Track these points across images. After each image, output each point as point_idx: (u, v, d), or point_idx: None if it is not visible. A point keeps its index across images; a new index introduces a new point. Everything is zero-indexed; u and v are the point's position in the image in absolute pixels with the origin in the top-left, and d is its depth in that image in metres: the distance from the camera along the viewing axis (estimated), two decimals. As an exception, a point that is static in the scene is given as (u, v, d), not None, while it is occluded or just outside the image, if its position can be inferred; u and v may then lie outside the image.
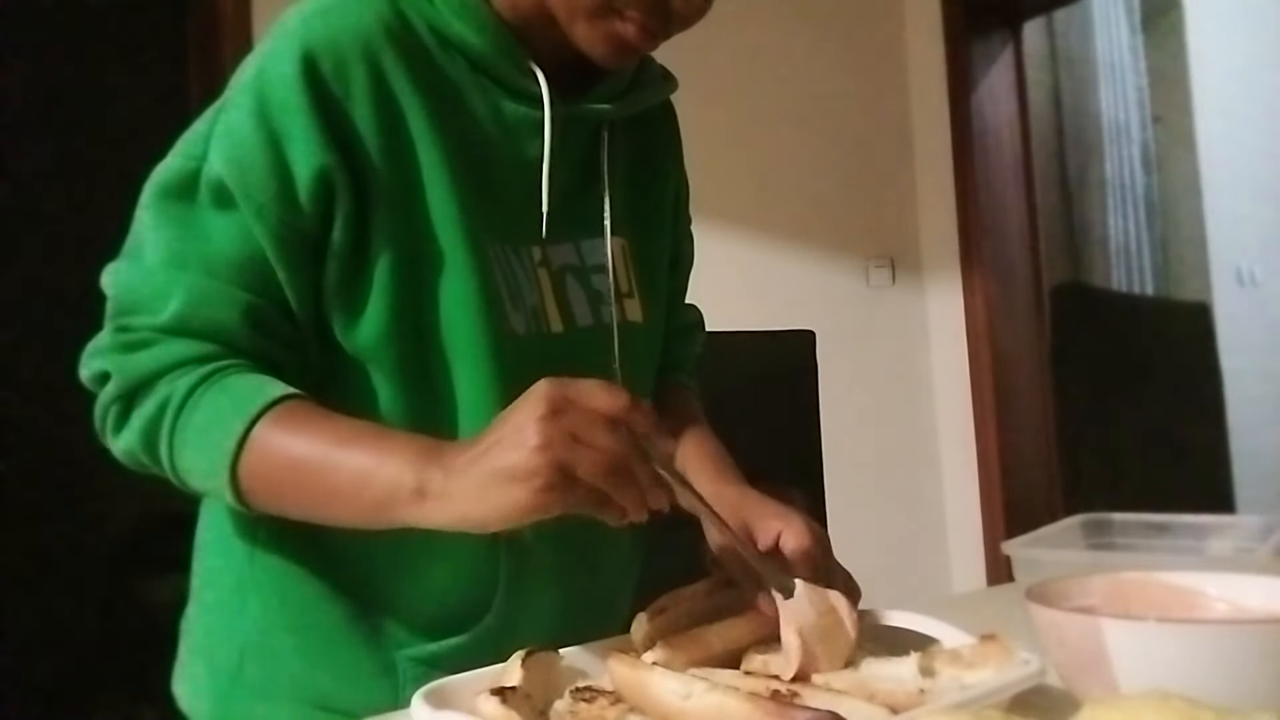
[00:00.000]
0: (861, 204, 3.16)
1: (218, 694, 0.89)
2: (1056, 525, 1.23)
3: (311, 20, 0.80)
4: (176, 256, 0.78)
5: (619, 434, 0.66)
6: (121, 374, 0.78)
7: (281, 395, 0.76)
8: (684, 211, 1.07)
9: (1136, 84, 4.82)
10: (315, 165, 0.77)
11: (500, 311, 0.83)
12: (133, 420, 0.78)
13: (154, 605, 3.63)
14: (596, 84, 0.91)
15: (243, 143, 0.78)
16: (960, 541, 3.09)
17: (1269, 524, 1.15)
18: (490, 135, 0.86)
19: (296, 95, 0.77)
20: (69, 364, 0.85)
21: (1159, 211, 4.82)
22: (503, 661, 0.75)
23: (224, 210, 0.78)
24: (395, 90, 0.81)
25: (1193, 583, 0.75)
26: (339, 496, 0.74)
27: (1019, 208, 3.20)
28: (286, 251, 0.79)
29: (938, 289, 3.17)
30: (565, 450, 0.65)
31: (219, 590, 0.90)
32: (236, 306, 0.78)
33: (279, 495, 0.77)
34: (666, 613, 0.78)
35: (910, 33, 3.25)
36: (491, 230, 0.84)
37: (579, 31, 0.82)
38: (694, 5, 0.82)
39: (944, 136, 3.15)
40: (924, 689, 0.68)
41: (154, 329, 0.78)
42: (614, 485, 0.67)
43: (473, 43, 0.84)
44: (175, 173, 0.80)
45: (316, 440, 0.75)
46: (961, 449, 3.10)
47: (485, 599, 0.86)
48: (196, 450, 0.76)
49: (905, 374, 3.18)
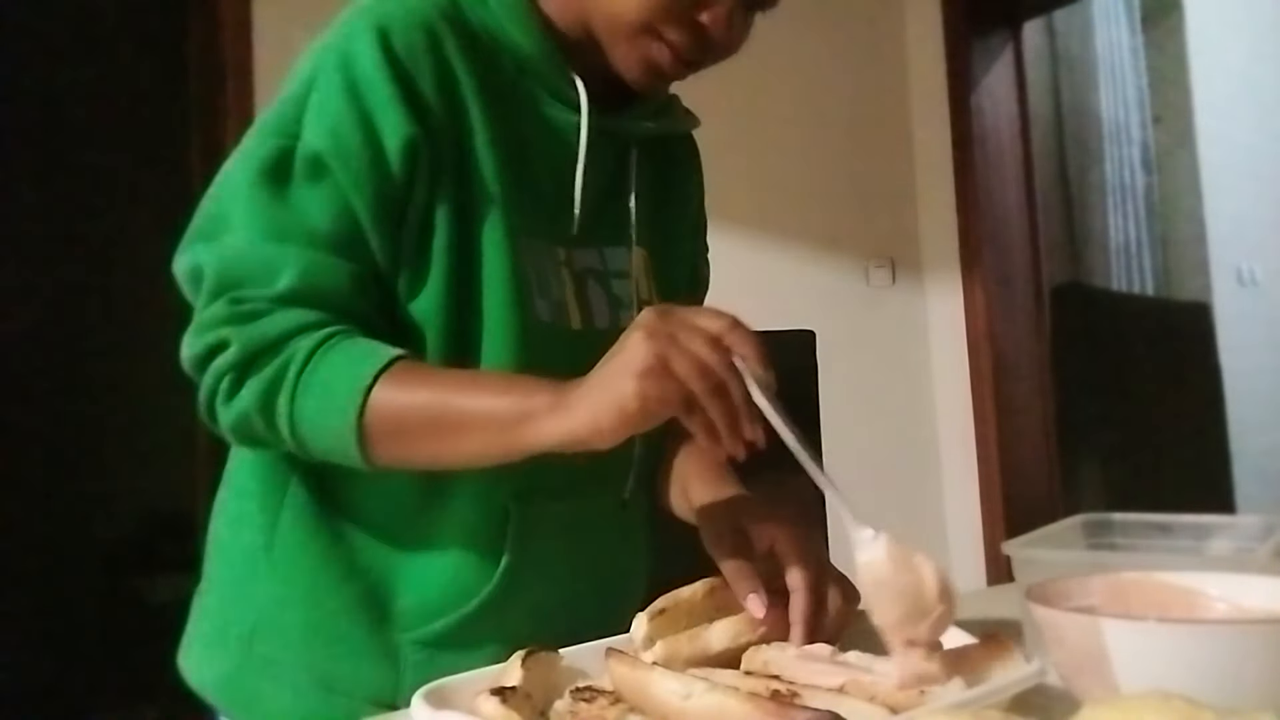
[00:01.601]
0: (861, 204, 3.16)
1: (226, 668, 0.92)
2: (1056, 525, 1.23)
3: (383, 3, 0.85)
4: (276, 231, 0.81)
5: (717, 348, 0.69)
6: (242, 341, 0.80)
7: (399, 355, 0.80)
8: (703, 238, 1.12)
9: (1136, 84, 4.82)
10: (403, 134, 0.82)
11: (529, 296, 0.87)
12: (248, 385, 0.80)
13: (154, 605, 3.64)
14: (628, 105, 0.96)
15: (336, 116, 0.82)
16: (960, 541, 3.09)
17: (1269, 524, 1.15)
18: (529, 134, 0.90)
19: (379, 70, 0.82)
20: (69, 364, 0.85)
21: (1159, 211, 4.82)
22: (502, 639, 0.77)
23: (320, 183, 0.82)
24: (454, 68, 0.85)
25: (1193, 583, 0.75)
26: (469, 428, 0.78)
27: (1019, 208, 3.20)
28: (380, 218, 0.83)
29: (938, 289, 3.17)
30: (665, 344, 0.69)
31: (234, 568, 0.93)
32: (345, 275, 0.82)
33: (407, 439, 0.80)
34: (666, 612, 0.79)
35: (910, 33, 3.25)
36: (523, 223, 0.88)
37: (618, 51, 0.88)
38: (730, 39, 0.87)
39: (944, 136, 3.14)
40: (924, 689, 0.68)
41: (270, 299, 0.81)
42: (705, 391, 0.69)
43: (521, 45, 0.89)
44: (269, 152, 0.83)
45: (440, 384, 0.80)
46: (961, 449, 3.09)
47: (490, 573, 0.88)
48: (321, 407, 0.79)
49: (905, 374, 3.18)
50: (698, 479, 0.94)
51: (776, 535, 0.82)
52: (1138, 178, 4.76)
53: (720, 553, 0.82)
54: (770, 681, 0.70)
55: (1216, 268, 4.76)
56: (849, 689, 0.68)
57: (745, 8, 0.88)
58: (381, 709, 0.85)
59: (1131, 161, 4.75)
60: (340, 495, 0.89)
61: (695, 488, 0.94)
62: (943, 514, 3.14)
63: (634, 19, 0.85)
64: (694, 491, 0.94)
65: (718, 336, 0.69)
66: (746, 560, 0.81)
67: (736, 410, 0.70)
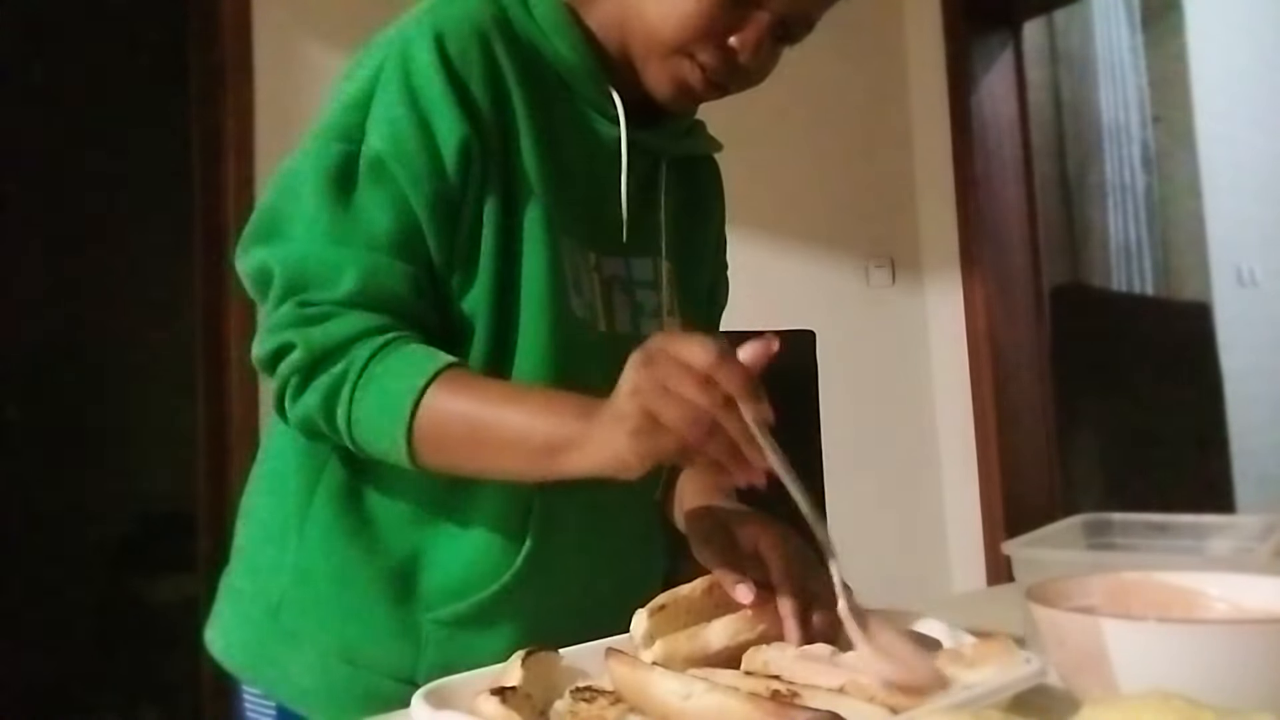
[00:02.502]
0: (861, 204, 3.16)
1: (251, 638, 0.95)
2: (1056, 525, 1.23)
3: (435, 9, 0.89)
4: (339, 234, 0.85)
5: (707, 388, 0.68)
6: (308, 345, 0.83)
7: (450, 362, 0.83)
8: (722, 257, 1.16)
9: (1136, 84, 4.82)
10: (458, 137, 0.86)
11: (565, 293, 0.90)
12: (313, 387, 0.84)
13: (154, 605, 3.64)
14: (658, 124, 1.00)
15: (397, 122, 0.86)
16: (960, 541, 3.09)
17: (1269, 524, 1.15)
18: (569, 139, 0.94)
19: (436, 76, 0.86)
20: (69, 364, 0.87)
21: (1159, 211, 4.82)
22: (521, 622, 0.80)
23: (382, 186, 0.85)
24: (504, 73, 0.89)
25: (1193, 583, 0.75)
26: (506, 449, 0.80)
27: (1019, 208, 3.20)
28: (437, 219, 0.86)
29: (938, 289, 3.17)
30: (652, 398, 0.69)
31: (266, 540, 0.96)
32: (404, 278, 0.85)
33: (450, 449, 0.82)
34: (666, 609, 0.79)
35: (910, 33, 3.25)
36: (563, 223, 0.91)
37: (651, 69, 0.92)
38: (758, 67, 0.92)
39: (944, 136, 3.14)
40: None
41: (334, 303, 0.84)
42: (698, 436, 0.69)
43: (564, 56, 0.93)
44: (335, 156, 0.86)
45: (485, 401, 0.82)
46: (961, 449, 3.09)
47: (512, 558, 0.90)
48: (376, 413, 0.82)
49: (905, 374, 3.18)
50: (692, 493, 0.98)
51: (759, 536, 0.84)
52: (1138, 178, 4.76)
53: (707, 552, 0.85)
54: (770, 681, 0.70)
55: (1216, 268, 4.76)
56: (849, 689, 0.68)
57: (774, 39, 0.92)
58: (400, 684, 0.88)
59: (1131, 161, 4.75)
60: (373, 476, 0.92)
61: (688, 499, 0.98)
62: (943, 514, 3.14)
63: (669, 39, 0.89)
64: (688, 501, 0.97)
65: (708, 375, 0.68)
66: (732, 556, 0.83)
67: (735, 445, 0.70)
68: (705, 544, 0.86)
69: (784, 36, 0.93)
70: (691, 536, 0.89)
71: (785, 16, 0.90)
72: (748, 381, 0.68)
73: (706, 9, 0.87)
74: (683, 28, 0.88)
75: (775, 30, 0.91)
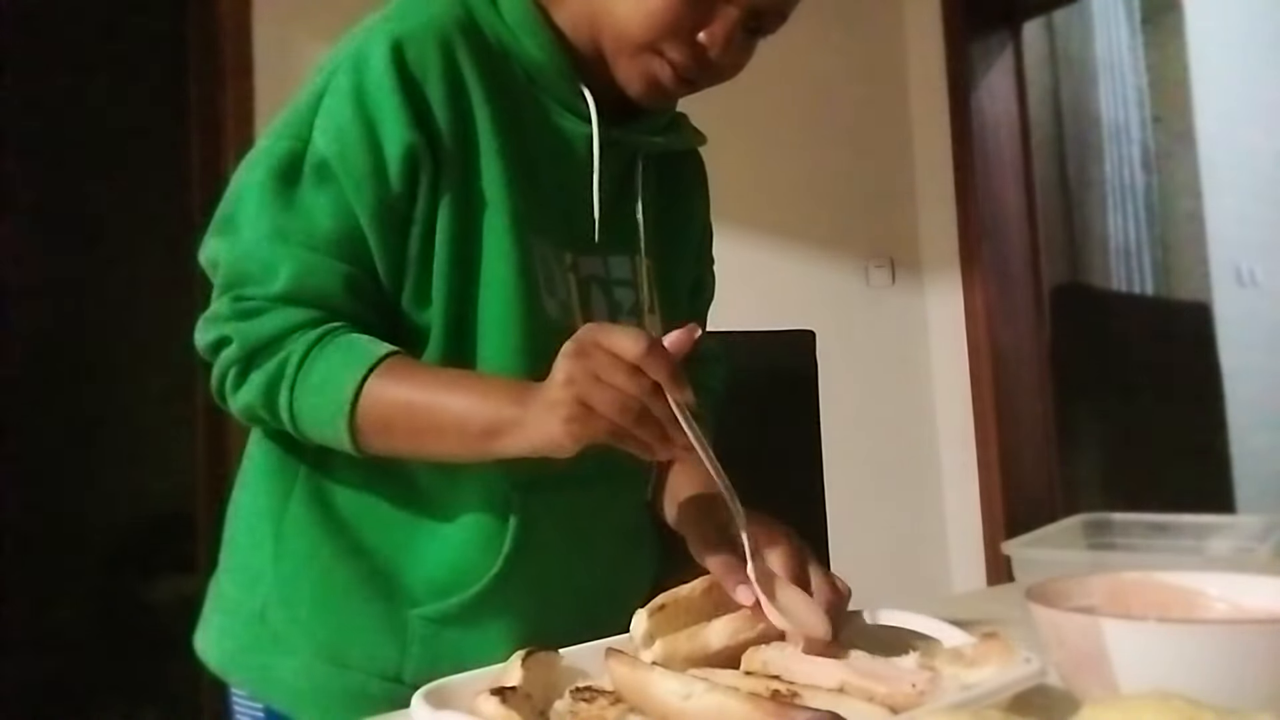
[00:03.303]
0: (861, 204, 3.16)
1: (238, 643, 0.95)
2: (1056, 525, 1.23)
3: (399, 13, 0.89)
4: (279, 232, 0.86)
5: (636, 376, 0.72)
6: (242, 338, 0.85)
7: (390, 351, 0.85)
8: (707, 253, 1.15)
9: (1136, 84, 4.82)
10: (403, 143, 0.86)
11: (536, 294, 0.90)
12: (252, 379, 0.86)
13: (154, 605, 3.63)
14: (635, 120, 0.99)
15: (343, 124, 0.86)
16: (960, 541, 3.09)
17: (1269, 524, 1.15)
18: (539, 140, 0.93)
19: (388, 80, 0.85)
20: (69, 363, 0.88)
21: (1159, 211, 4.82)
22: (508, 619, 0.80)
23: (325, 187, 0.86)
24: (465, 78, 0.89)
25: (1193, 583, 0.75)
26: (446, 432, 0.83)
27: (1019, 208, 3.20)
28: (380, 224, 0.87)
29: (938, 289, 3.17)
30: (585, 387, 0.73)
31: (247, 545, 0.96)
32: (338, 277, 0.86)
33: (392, 435, 0.85)
34: (666, 609, 0.79)
35: (910, 33, 3.25)
36: (533, 223, 0.91)
37: (621, 66, 0.91)
38: (729, 61, 0.91)
39: (944, 136, 3.14)
40: (924, 689, 0.68)
41: (267, 298, 0.85)
42: (630, 422, 0.74)
43: (533, 55, 0.92)
44: (281, 154, 0.87)
45: (424, 386, 0.84)
46: (961, 449, 3.09)
47: (493, 557, 0.90)
48: (317, 402, 0.84)
49: (905, 374, 3.17)
50: (687, 490, 0.97)
51: (757, 534, 0.84)
52: (1138, 178, 4.76)
53: (706, 551, 0.85)
54: (770, 681, 0.70)
55: (1216, 268, 4.76)
56: (849, 689, 0.68)
57: (747, 31, 0.91)
58: (388, 683, 0.88)
59: (1131, 161, 4.75)
60: (347, 478, 0.92)
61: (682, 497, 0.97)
62: (943, 514, 3.14)
63: (637, 36, 0.89)
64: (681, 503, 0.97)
65: (636, 364, 0.72)
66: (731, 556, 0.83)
67: (662, 429, 0.75)
68: (703, 543, 0.86)
69: (756, 29, 0.92)
70: (689, 536, 0.89)
71: (755, 9, 0.89)
72: (673, 369, 0.73)
73: (673, 5, 0.87)
74: (650, 25, 0.88)
75: (747, 23, 0.90)
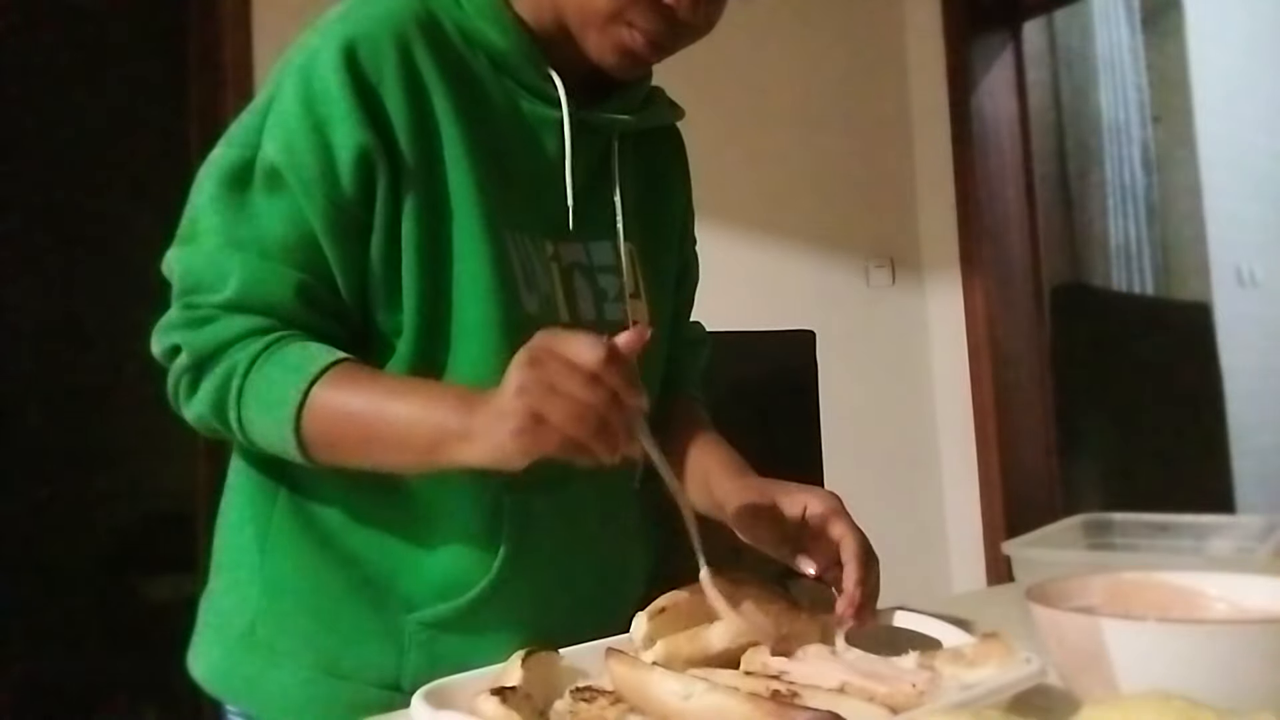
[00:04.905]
0: (861, 204, 3.16)
1: (229, 659, 0.93)
2: (1056, 525, 1.23)
3: (352, 13, 0.86)
4: (232, 239, 0.84)
5: (593, 385, 0.70)
6: (191, 347, 0.84)
7: (336, 359, 0.83)
8: (690, 232, 1.12)
9: (1136, 84, 4.82)
10: (355, 146, 0.83)
11: (514, 291, 0.88)
12: (202, 388, 0.85)
13: (154, 605, 3.63)
14: (609, 99, 0.96)
15: (291, 128, 0.84)
16: (960, 541, 3.09)
17: (1269, 524, 1.15)
18: (508, 130, 0.91)
19: (338, 82, 0.83)
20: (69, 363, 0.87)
21: (1159, 211, 4.82)
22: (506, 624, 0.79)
23: (276, 193, 0.84)
24: (424, 76, 0.86)
25: (1193, 583, 0.75)
26: (391, 444, 0.81)
27: (1019, 208, 3.20)
28: (334, 230, 0.84)
29: (938, 289, 3.17)
30: (539, 398, 0.71)
31: (237, 561, 0.94)
32: (289, 285, 0.84)
33: (338, 446, 0.83)
34: (666, 611, 0.79)
35: (910, 33, 3.25)
36: (508, 218, 0.89)
37: (590, 40, 0.89)
38: (700, 18, 0.88)
39: (944, 136, 3.14)
40: (924, 690, 0.68)
41: (216, 306, 0.84)
42: (584, 433, 0.71)
43: (495, 43, 0.90)
44: (231, 161, 0.86)
45: (370, 396, 0.82)
46: (961, 449, 3.09)
47: (489, 563, 0.89)
48: (263, 412, 0.82)
49: (905, 374, 3.17)
50: (720, 472, 0.97)
51: (809, 501, 0.85)
52: (1138, 178, 4.76)
53: (758, 530, 0.86)
54: (770, 681, 0.70)
55: (1216, 268, 4.76)
56: (849, 689, 0.68)
57: None
58: (385, 691, 0.87)
59: (1131, 161, 4.75)
60: (328, 490, 0.90)
61: (718, 480, 0.96)
62: (943, 514, 3.14)
63: (602, 7, 0.86)
64: (717, 483, 0.96)
65: (594, 372, 0.70)
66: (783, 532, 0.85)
67: (618, 440, 0.72)
68: (754, 522, 0.87)
69: None
70: (736, 519, 0.89)
71: None
72: (631, 376, 0.71)
73: None
74: None
75: None
